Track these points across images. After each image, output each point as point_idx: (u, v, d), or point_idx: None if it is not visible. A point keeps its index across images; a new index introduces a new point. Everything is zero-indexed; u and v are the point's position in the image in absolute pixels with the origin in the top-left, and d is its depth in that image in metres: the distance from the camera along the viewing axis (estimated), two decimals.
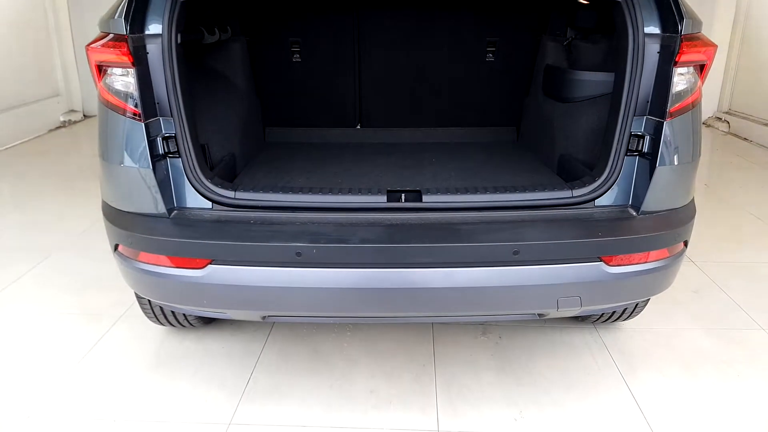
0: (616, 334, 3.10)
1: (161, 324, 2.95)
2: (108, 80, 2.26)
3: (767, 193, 5.29)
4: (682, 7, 2.25)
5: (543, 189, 2.43)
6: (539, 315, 2.46)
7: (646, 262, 2.24)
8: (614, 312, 2.91)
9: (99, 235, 3.48)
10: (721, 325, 3.20)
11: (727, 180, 5.73)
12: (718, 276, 3.70)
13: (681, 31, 2.22)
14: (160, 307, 2.76)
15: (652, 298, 2.83)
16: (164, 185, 2.29)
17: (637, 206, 2.35)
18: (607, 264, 2.18)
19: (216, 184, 2.36)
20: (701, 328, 3.17)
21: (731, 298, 3.46)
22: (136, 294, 2.71)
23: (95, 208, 2.71)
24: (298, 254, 2.11)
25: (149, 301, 2.72)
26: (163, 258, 2.20)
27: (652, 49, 2.31)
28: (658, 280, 2.35)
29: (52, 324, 3.17)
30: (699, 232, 2.78)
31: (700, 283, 3.62)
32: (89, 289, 3.52)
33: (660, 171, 2.30)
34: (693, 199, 2.50)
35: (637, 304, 2.85)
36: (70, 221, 4.51)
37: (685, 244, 2.40)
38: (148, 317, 2.89)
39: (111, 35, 2.22)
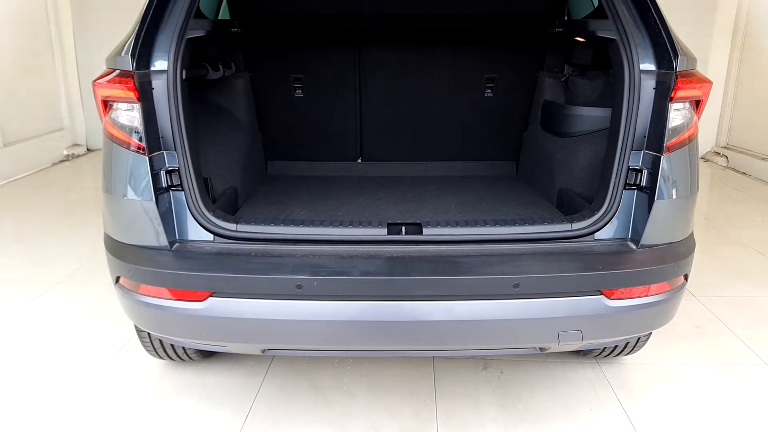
0: (618, 368, 3.07)
1: (160, 357, 2.93)
2: (113, 115, 2.29)
3: (767, 228, 5.30)
4: (676, 44, 2.30)
5: (543, 222, 2.44)
6: (541, 349, 2.45)
7: (646, 296, 2.24)
8: (616, 346, 2.90)
9: (100, 267, 3.50)
10: (723, 359, 3.17)
11: (727, 214, 5.74)
12: (720, 310, 3.69)
13: (676, 67, 2.26)
14: (160, 340, 2.75)
15: (654, 333, 2.82)
16: (166, 218, 2.31)
17: (636, 239, 2.36)
18: (607, 297, 2.18)
19: (218, 217, 2.37)
20: (704, 363, 3.14)
21: (734, 333, 3.44)
22: (135, 327, 2.70)
23: (97, 241, 2.72)
24: (299, 287, 2.11)
25: (149, 334, 2.70)
26: (164, 290, 2.20)
27: (648, 86, 2.35)
28: (659, 313, 2.34)
29: (51, 356, 3.15)
30: (699, 266, 2.78)
31: (702, 318, 3.60)
32: (89, 322, 3.50)
33: (658, 205, 2.32)
34: (692, 233, 2.51)
35: (638, 339, 2.83)
36: (71, 254, 4.51)
37: (686, 277, 2.40)
38: (147, 350, 2.88)
39: (117, 71, 2.26)
